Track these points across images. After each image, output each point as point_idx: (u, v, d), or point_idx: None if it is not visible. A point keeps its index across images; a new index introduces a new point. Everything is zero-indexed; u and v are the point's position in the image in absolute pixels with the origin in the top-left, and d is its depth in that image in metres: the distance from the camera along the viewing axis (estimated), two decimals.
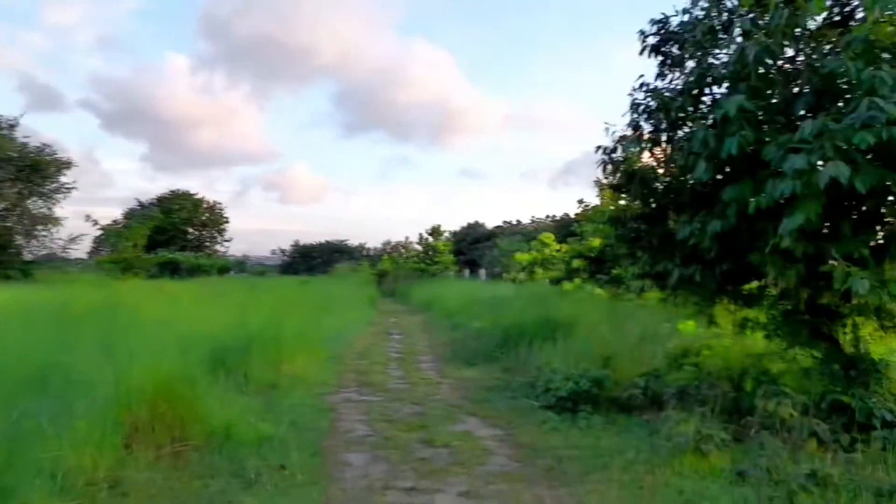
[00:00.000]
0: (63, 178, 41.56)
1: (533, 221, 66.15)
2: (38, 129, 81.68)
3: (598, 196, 15.74)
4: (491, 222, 69.18)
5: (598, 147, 6.76)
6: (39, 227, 40.82)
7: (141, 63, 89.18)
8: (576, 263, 14.26)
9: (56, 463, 4.02)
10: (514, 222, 67.45)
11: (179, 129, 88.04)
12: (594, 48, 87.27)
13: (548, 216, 65.78)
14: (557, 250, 22.20)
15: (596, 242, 14.08)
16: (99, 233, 48.22)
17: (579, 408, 6.49)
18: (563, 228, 49.39)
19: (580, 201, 15.74)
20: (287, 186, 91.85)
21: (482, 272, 39.68)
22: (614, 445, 5.53)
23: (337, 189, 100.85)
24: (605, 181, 7.08)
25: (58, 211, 41.56)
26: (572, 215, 49.93)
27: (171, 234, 55.28)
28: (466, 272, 41.55)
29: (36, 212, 40.83)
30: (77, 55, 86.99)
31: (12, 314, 8.75)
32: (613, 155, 6.68)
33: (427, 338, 15.39)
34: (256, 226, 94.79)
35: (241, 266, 70.31)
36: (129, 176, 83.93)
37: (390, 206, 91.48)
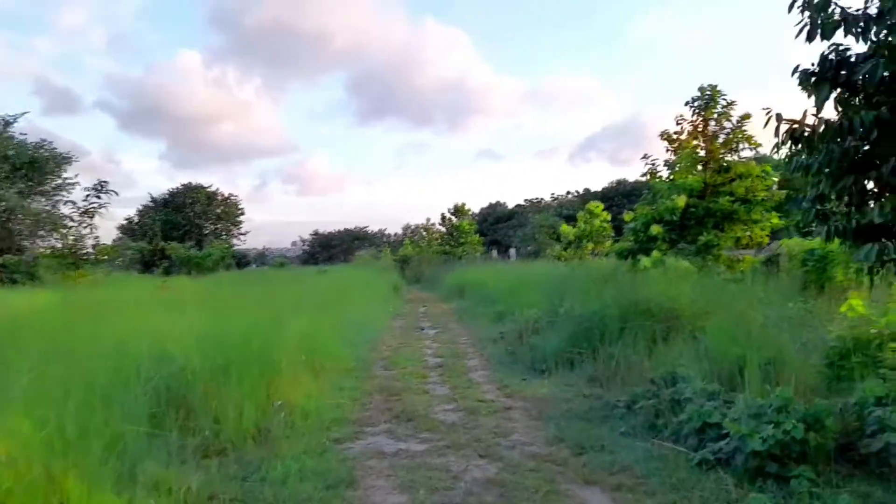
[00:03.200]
0: (66, 175, 39.41)
1: (555, 198, 63.09)
2: (57, 132, 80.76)
3: (670, 150, 12.76)
4: (512, 202, 66.51)
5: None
6: (42, 227, 38.77)
7: (153, 61, 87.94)
8: (654, 230, 11.29)
9: None
10: (536, 200, 64.63)
11: (196, 126, 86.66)
12: (608, 21, 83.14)
13: (569, 192, 62.72)
14: (607, 221, 19.26)
15: (681, 201, 11.09)
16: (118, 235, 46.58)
17: (791, 471, 3.61)
18: (586, 204, 46.36)
19: (645, 156, 12.75)
20: (306, 178, 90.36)
21: (512, 252, 36.76)
22: None
23: (356, 178, 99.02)
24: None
25: (63, 209, 39.40)
26: (631, 179, 46.58)
27: (186, 229, 53.40)
28: (494, 253, 38.63)
29: (39, 211, 38.78)
30: (90, 56, 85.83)
31: None
32: None
33: (468, 332, 12.58)
34: (277, 218, 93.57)
35: (262, 258, 69.00)
36: (149, 175, 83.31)
37: (410, 191, 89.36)
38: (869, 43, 3.83)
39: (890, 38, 3.48)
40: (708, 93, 12.20)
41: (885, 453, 3.52)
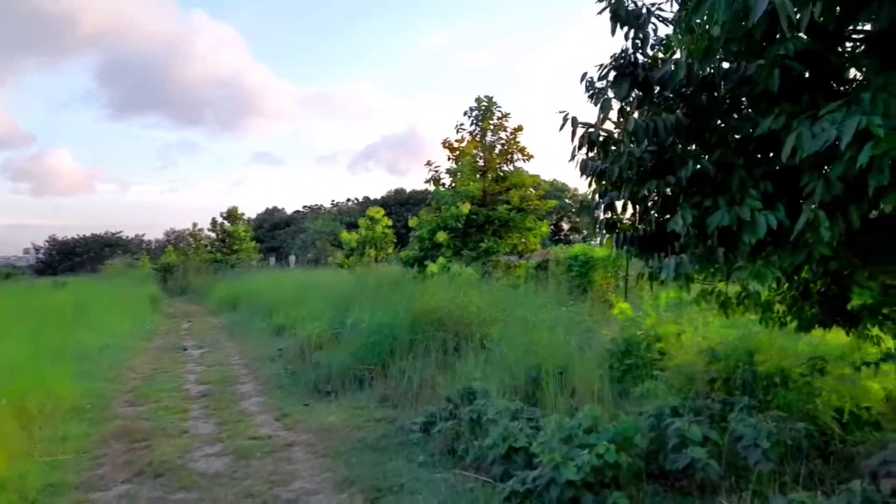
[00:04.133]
0: None
1: (335, 205, 62.55)
2: None
3: (451, 158, 12.87)
4: (290, 208, 64.41)
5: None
6: None
7: None
8: (440, 237, 11.15)
9: None
10: (316, 206, 63.44)
11: None
12: (394, 34, 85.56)
13: (349, 199, 62.78)
14: (389, 227, 19.07)
15: (466, 208, 11.10)
16: None
17: (606, 499, 3.29)
18: (366, 211, 46.73)
19: (429, 163, 12.67)
20: (43, 175, 76.67)
21: (291, 259, 35.01)
22: None
23: (108, 177, 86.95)
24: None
25: None
26: (409, 188, 47.14)
27: None
28: (272, 260, 36.42)
29: None
30: None
31: None
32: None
33: (241, 351, 11.14)
34: (4, 220, 77.80)
35: None
36: None
37: (175, 195, 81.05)
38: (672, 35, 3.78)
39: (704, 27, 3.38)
40: (484, 104, 12.54)
41: (690, 469, 3.41)
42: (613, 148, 4.21)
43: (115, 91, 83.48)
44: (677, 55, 3.71)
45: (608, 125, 4.17)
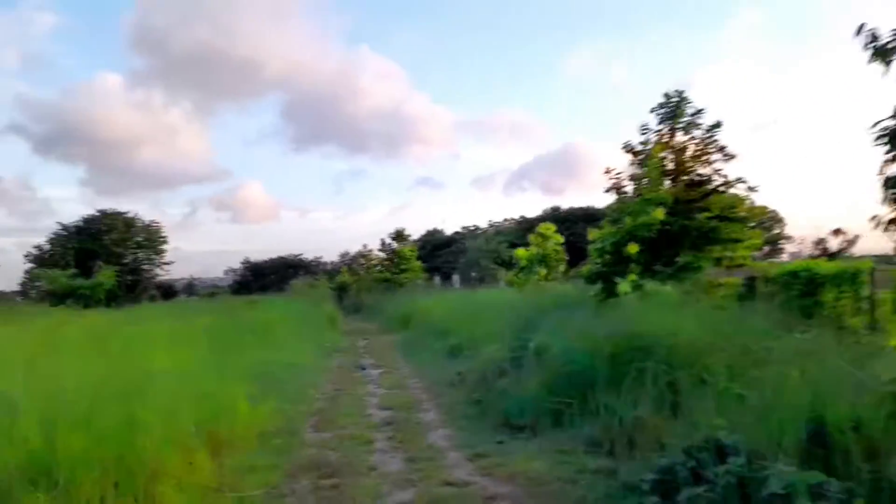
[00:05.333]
0: None
1: (492, 225, 62.46)
2: None
3: (635, 163, 11.50)
4: (449, 229, 65.65)
5: None
6: None
7: (71, 84, 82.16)
8: (630, 249, 9.84)
9: None
10: (472, 227, 63.98)
11: (119, 151, 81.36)
12: (540, 53, 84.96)
13: (506, 219, 62.35)
14: (561, 244, 17.92)
15: (660, 214, 9.70)
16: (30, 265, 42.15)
17: None
18: (524, 230, 45.61)
19: (608, 170, 11.35)
20: (239, 205, 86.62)
21: (455, 279, 35.14)
22: None
23: (291, 205, 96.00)
24: None
25: None
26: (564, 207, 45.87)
27: (104, 258, 49.25)
28: (437, 280, 36.91)
29: None
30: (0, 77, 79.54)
31: None
32: None
33: (418, 372, 10.71)
34: (209, 247, 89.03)
35: (190, 288, 64.84)
36: (68, 203, 77.29)
37: (346, 219, 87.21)
38: None
39: None
40: (674, 99, 11.04)
41: None
42: None
43: (296, 126, 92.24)
44: None
45: None
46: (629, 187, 11.36)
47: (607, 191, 11.55)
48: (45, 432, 3.56)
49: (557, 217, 50.33)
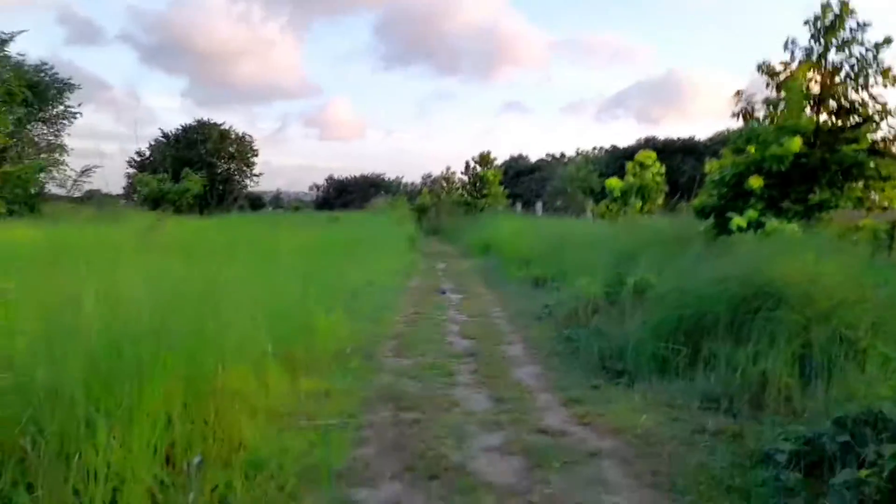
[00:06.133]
0: (68, 102, 37.01)
1: (580, 153, 59.73)
2: (79, 63, 78.28)
3: (771, 85, 9.99)
4: (534, 155, 63.63)
5: None
6: (44, 156, 36.57)
7: None
8: (752, 183, 8.66)
9: None
10: (559, 155, 61.64)
11: (219, 63, 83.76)
12: None
13: (595, 147, 59.35)
14: (661, 174, 16.54)
15: (795, 145, 8.39)
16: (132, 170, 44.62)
17: None
18: (615, 160, 42.94)
19: (738, 93, 9.94)
20: (327, 122, 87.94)
21: (538, 206, 34.00)
22: None
23: (377, 124, 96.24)
24: None
25: (67, 140, 37.21)
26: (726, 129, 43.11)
27: (198, 166, 51.36)
28: (518, 207, 35.90)
29: (39, 139, 36.60)
30: None
31: None
32: None
33: (500, 301, 10.19)
34: (296, 161, 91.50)
35: (277, 201, 67.22)
36: (171, 112, 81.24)
37: (431, 141, 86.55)
38: None
39: None
40: (833, 12, 9.30)
41: None
42: None
43: (388, 44, 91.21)
44: None
45: None
46: (761, 113, 9.92)
47: (735, 115, 10.16)
48: (109, 340, 3.25)
49: (654, 147, 47.38)
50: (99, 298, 3.62)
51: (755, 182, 8.68)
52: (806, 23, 9.34)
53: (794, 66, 9.51)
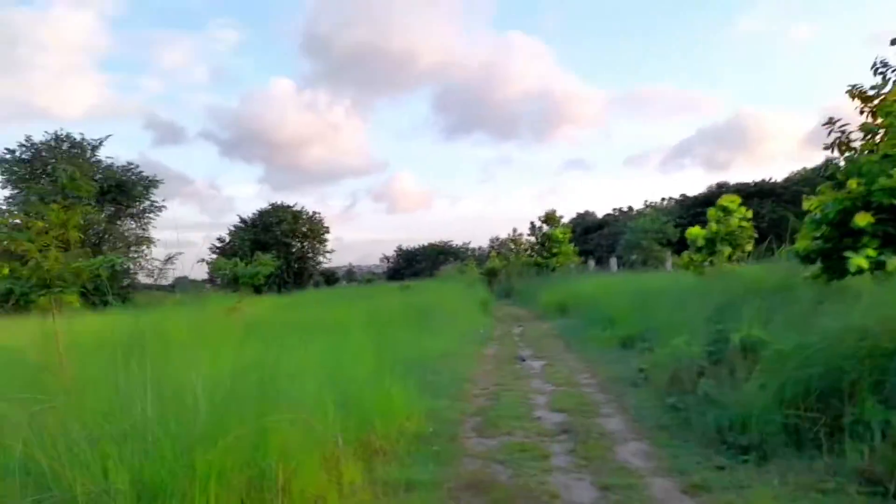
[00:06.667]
0: (154, 197, 39.66)
1: (648, 205, 58.13)
2: (166, 162, 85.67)
3: (866, 111, 9.09)
4: (600, 211, 62.65)
5: None
6: (133, 249, 38.94)
7: (250, 91, 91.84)
8: (859, 221, 7.70)
9: None
10: (626, 209, 60.32)
11: (291, 150, 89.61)
12: (701, 20, 77.47)
13: (664, 198, 57.67)
14: (748, 218, 15.42)
15: None
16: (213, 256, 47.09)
17: None
18: (686, 209, 41.10)
19: (831, 121, 9.10)
20: (394, 195, 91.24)
21: (613, 262, 32.85)
22: None
23: (442, 193, 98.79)
24: None
25: (154, 232, 39.70)
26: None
27: (273, 248, 53.37)
28: (591, 264, 34.83)
29: (128, 233, 39.10)
30: (193, 92, 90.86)
31: None
32: None
33: (587, 365, 9.39)
34: (366, 236, 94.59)
35: (350, 275, 68.86)
36: (249, 200, 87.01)
37: (495, 205, 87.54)
38: None
39: None
40: None
41: None
42: None
43: (447, 116, 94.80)
44: None
45: None
46: (857, 143, 8.98)
47: (828, 147, 9.25)
48: (159, 448, 2.87)
49: (728, 192, 45.53)
50: (155, 396, 3.30)
51: (862, 220, 7.70)
52: (893, 42, 8.51)
53: (888, 88, 8.61)
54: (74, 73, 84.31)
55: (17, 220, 5.85)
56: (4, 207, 32.94)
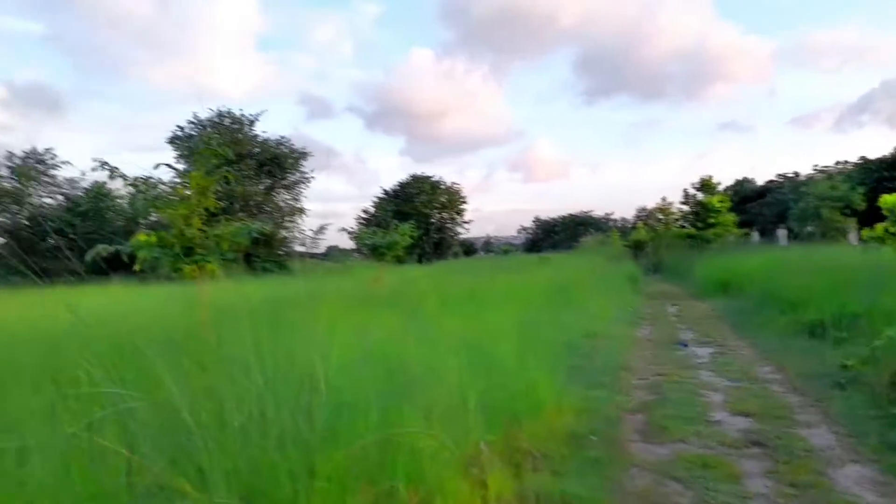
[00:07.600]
0: (303, 169, 41.89)
1: (819, 170, 51.10)
2: (317, 137, 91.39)
3: None
4: (760, 178, 56.39)
5: None
6: (287, 219, 41.55)
7: (392, 64, 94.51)
8: None
9: None
10: (792, 175, 53.67)
11: (430, 121, 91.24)
12: None
13: (839, 162, 50.24)
14: None
15: None
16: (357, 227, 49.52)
17: None
18: (869, 173, 35.04)
19: None
20: (531, 165, 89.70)
21: (781, 234, 29.21)
22: None
23: (580, 162, 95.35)
24: None
25: (305, 203, 42.17)
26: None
27: (414, 218, 54.69)
28: (755, 236, 31.30)
29: (284, 204, 41.72)
30: (340, 67, 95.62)
31: None
32: None
33: (765, 356, 7.97)
34: (503, 206, 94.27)
35: (487, 246, 69.04)
36: (391, 172, 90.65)
37: (640, 172, 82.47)
38: None
39: None
40: None
41: None
42: None
43: (588, 78, 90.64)
44: None
45: None
46: None
47: None
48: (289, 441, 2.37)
49: None
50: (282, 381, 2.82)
51: None
52: None
53: None
54: (237, 53, 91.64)
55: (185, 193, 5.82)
56: (178, 181, 36.62)
